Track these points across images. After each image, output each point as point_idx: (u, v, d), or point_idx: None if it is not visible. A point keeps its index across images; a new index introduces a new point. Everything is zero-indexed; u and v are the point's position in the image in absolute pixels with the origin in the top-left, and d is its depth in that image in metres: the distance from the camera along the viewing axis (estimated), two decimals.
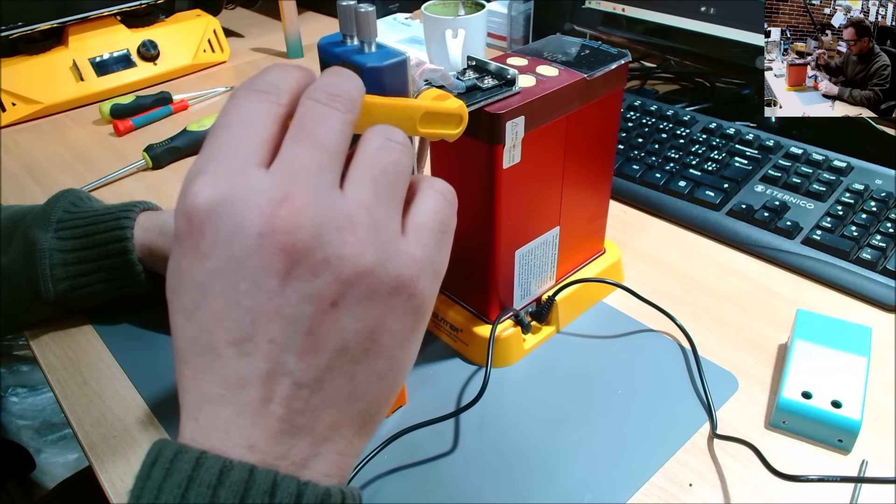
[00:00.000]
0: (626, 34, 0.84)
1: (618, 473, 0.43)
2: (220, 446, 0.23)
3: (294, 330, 0.23)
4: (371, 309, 0.25)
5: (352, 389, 0.25)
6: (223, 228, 0.23)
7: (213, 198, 0.23)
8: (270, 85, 0.26)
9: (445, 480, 0.43)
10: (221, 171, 0.24)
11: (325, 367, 0.24)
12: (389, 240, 0.25)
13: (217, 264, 0.23)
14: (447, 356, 0.52)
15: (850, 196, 0.61)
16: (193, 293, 0.24)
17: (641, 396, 0.48)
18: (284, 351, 0.23)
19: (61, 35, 0.95)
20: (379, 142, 0.26)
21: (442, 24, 0.85)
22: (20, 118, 0.91)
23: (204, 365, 0.24)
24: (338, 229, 0.24)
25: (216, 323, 0.23)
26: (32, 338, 0.55)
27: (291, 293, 0.23)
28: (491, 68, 0.43)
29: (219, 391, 0.23)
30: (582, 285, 0.54)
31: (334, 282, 0.23)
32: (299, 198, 0.23)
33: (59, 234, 0.52)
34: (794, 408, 0.44)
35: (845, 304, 0.55)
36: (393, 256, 0.25)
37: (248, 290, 0.23)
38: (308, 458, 0.24)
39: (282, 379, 0.23)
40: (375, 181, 0.25)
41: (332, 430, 0.25)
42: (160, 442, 0.24)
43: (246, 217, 0.23)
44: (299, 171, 0.24)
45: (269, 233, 0.22)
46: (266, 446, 0.23)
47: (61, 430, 1.35)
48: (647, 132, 0.73)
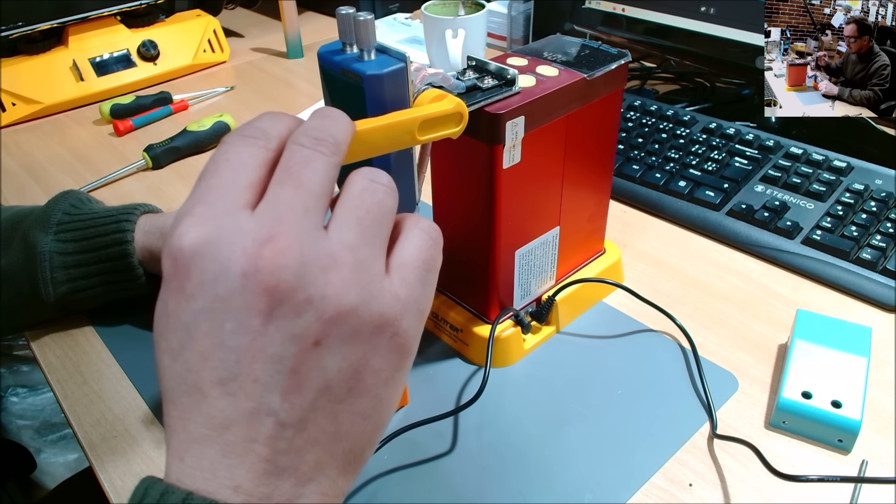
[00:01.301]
0: (626, 34, 0.84)
1: (618, 473, 0.43)
2: (205, 487, 0.23)
3: (278, 369, 0.23)
4: (354, 348, 0.25)
5: (335, 429, 0.25)
6: (208, 269, 0.23)
7: (198, 239, 0.23)
8: (259, 131, 0.26)
9: (445, 480, 0.43)
10: (208, 214, 0.24)
11: (308, 406, 0.24)
12: (373, 279, 0.25)
13: (202, 305, 0.23)
14: (447, 356, 0.52)
15: (850, 196, 0.61)
16: (180, 334, 0.24)
17: (641, 396, 0.48)
18: (269, 391, 0.23)
19: (61, 35, 0.95)
20: (363, 183, 0.27)
21: (442, 24, 0.85)
22: (20, 118, 0.91)
23: (190, 405, 0.24)
24: (321, 269, 0.24)
25: (202, 363, 0.23)
26: (32, 338, 0.55)
27: (275, 332, 0.23)
28: (491, 68, 0.43)
29: (204, 431, 0.23)
30: (582, 285, 0.54)
31: (317, 321, 0.24)
32: (283, 238, 0.23)
33: (60, 236, 0.52)
34: (794, 408, 0.44)
35: (845, 304, 0.55)
36: (376, 296, 0.25)
37: (233, 329, 0.23)
38: (292, 498, 0.24)
39: (266, 419, 0.23)
40: (360, 221, 0.26)
41: (316, 471, 0.25)
42: (148, 480, 0.24)
43: (230, 258, 0.23)
44: (284, 212, 0.24)
45: (253, 273, 0.23)
46: (251, 487, 0.23)
47: (61, 430, 1.35)
48: (647, 132, 0.73)
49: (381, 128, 0.30)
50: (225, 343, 0.23)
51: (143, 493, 0.23)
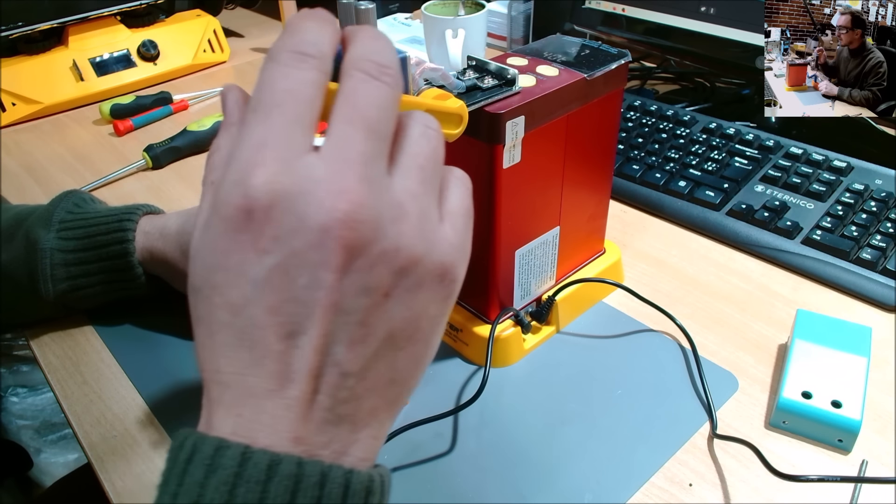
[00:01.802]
0: (626, 34, 0.84)
1: (618, 473, 0.43)
2: (265, 441, 0.23)
3: (347, 321, 0.23)
4: (417, 296, 0.25)
5: (392, 375, 0.25)
6: (286, 224, 0.22)
7: (273, 191, 0.22)
8: (314, 47, 0.24)
9: (445, 480, 0.43)
10: (278, 159, 0.23)
11: (371, 356, 0.24)
12: (434, 228, 0.25)
13: (276, 260, 0.23)
14: (447, 356, 0.52)
15: (850, 196, 0.61)
16: (246, 289, 0.23)
17: (641, 396, 0.48)
18: (336, 343, 0.23)
19: (61, 35, 0.95)
20: (420, 128, 0.26)
21: (442, 24, 0.85)
22: (20, 118, 0.91)
23: (251, 360, 0.23)
24: (392, 220, 0.24)
25: (270, 318, 0.23)
26: (32, 338, 0.55)
27: (349, 286, 0.23)
28: (491, 68, 0.43)
29: (267, 385, 0.23)
30: (582, 285, 0.54)
31: (389, 273, 0.24)
32: (357, 190, 0.23)
33: (61, 234, 0.52)
34: (794, 408, 0.44)
35: (845, 304, 0.55)
36: (438, 244, 0.25)
37: (306, 284, 0.23)
38: (347, 444, 0.24)
39: (331, 370, 0.23)
40: (421, 169, 0.26)
41: (370, 416, 0.25)
42: (192, 435, 0.23)
43: (307, 212, 0.22)
44: (355, 158, 0.23)
45: (331, 228, 0.22)
46: (311, 437, 0.23)
47: (61, 430, 1.35)
48: (647, 132, 0.73)
49: None
50: (297, 297, 0.23)
51: (191, 449, 0.23)
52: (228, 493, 0.22)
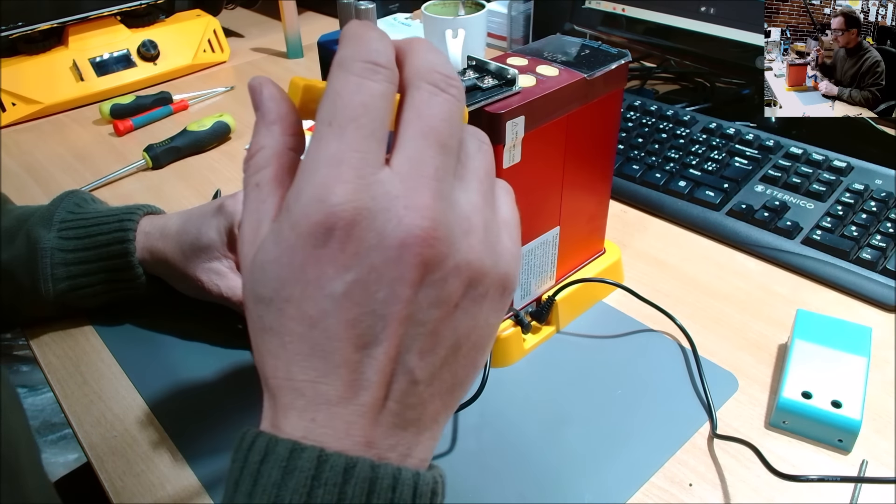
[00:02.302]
0: (626, 34, 0.84)
1: (618, 473, 0.43)
2: (337, 445, 0.23)
3: (420, 332, 0.24)
4: (482, 306, 0.26)
5: (455, 380, 0.26)
6: (366, 241, 0.23)
7: (356, 209, 0.23)
8: (384, 57, 0.24)
9: (445, 480, 0.43)
10: (357, 178, 0.23)
11: (439, 363, 0.25)
12: (497, 240, 0.26)
13: (356, 276, 0.23)
14: None
15: (850, 196, 0.61)
16: (324, 304, 0.23)
17: (641, 396, 0.48)
18: (408, 352, 0.24)
19: (61, 35, 0.95)
20: (476, 143, 0.27)
21: (442, 24, 0.85)
22: (20, 118, 0.91)
23: (326, 369, 0.24)
24: (463, 233, 0.24)
25: (347, 331, 0.23)
26: (32, 338, 0.55)
27: (424, 299, 0.24)
28: (491, 68, 0.43)
29: (340, 394, 0.24)
30: (582, 285, 0.54)
31: (460, 286, 0.24)
32: (434, 207, 0.23)
33: (62, 234, 0.52)
34: (794, 408, 0.44)
35: (845, 304, 0.55)
36: (501, 256, 0.26)
37: (384, 298, 0.23)
38: (412, 447, 0.25)
39: (401, 378, 0.24)
40: (481, 182, 0.26)
41: (433, 420, 0.26)
42: (262, 436, 0.24)
43: (386, 229, 0.23)
44: (429, 175, 0.24)
45: (410, 245, 0.23)
46: (380, 440, 0.24)
47: (61, 430, 1.35)
48: (647, 132, 0.73)
49: None
50: (375, 311, 0.23)
51: (264, 450, 0.23)
52: (307, 494, 0.22)
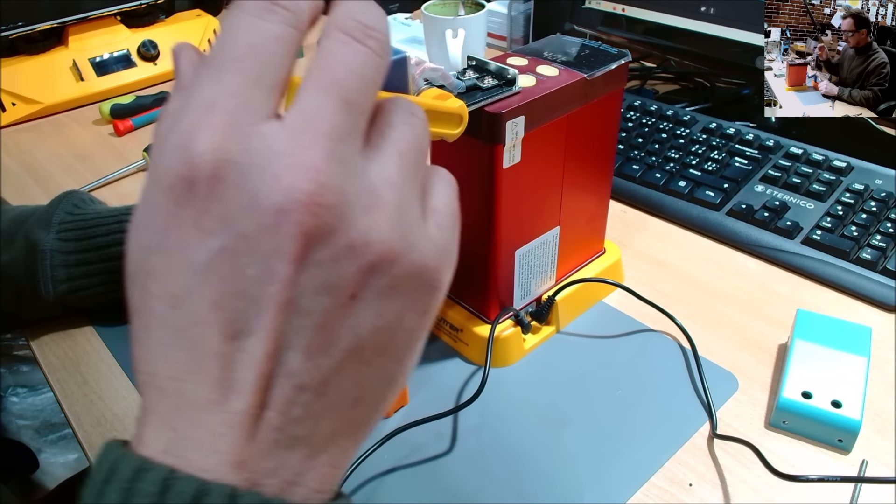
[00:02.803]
0: (626, 34, 0.84)
1: (618, 473, 0.43)
2: (201, 462, 0.19)
3: (305, 325, 0.20)
4: (392, 303, 0.21)
5: (358, 394, 0.22)
6: (235, 201, 0.19)
7: (222, 160, 0.19)
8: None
9: (445, 480, 0.43)
10: (231, 127, 0.19)
11: (333, 368, 0.21)
12: (414, 223, 0.22)
13: (222, 243, 0.19)
14: (447, 356, 0.52)
15: (850, 196, 0.61)
16: (186, 277, 0.19)
17: (641, 396, 0.48)
18: (290, 349, 0.20)
19: (61, 35, 0.95)
20: (403, 115, 0.23)
21: (442, 24, 0.85)
22: (20, 118, 0.91)
23: (191, 364, 0.20)
24: (365, 209, 0.20)
25: (213, 314, 0.19)
26: (32, 338, 0.55)
27: (308, 282, 0.19)
28: (491, 68, 0.43)
29: (207, 395, 0.20)
30: (582, 285, 0.54)
31: (357, 271, 0.20)
32: (324, 169, 0.19)
33: (61, 235, 0.52)
34: (794, 408, 0.44)
35: (845, 304, 0.55)
36: (418, 243, 0.22)
37: (257, 276, 0.19)
38: (300, 473, 0.21)
39: (283, 381, 0.20)
40: (401, 156, 0.22)
41: (329, 441, 0.21)
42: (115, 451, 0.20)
43: (262, 189, 0.19)
44: (324, 131, 0.19)
45: (289, 210, 0.19)
46: (256, 462, 0.20)
47: (61, 430, 1.35)
48: (647, 132, 0.73)
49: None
50: (246, 291, 0.19)
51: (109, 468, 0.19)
52: None
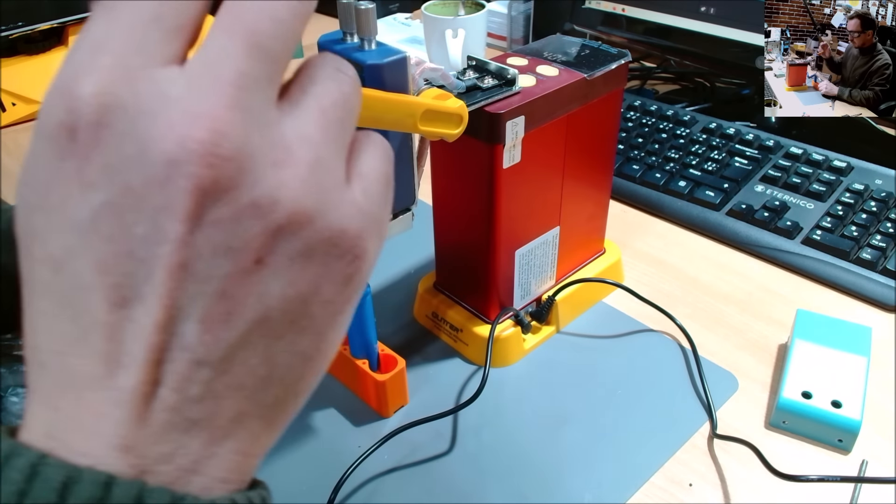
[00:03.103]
0: (626, 34, 0.84)
1: (618, 473, 0.43)
2: (82, 446, 0.17)
3: (202, 291, 0.18)
4: (305, 270, 0.19)
5: (267, 372, 0.20)
6: (120, 150, 0.17)
7: (105, 105, 0.17)
8: None
9: (444, 480, 0.43)
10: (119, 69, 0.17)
11: (236, 342, 0.18)
12: (334, 185, 0.20)
13: (106, 197, 0.17)
14: (447, 356, 0.52)
15: (850, 196, 0.61)
16: (68, 236, 0.18)
17: (641, 396, 0.48)
18: (185, 318, 0.18)
19: (61, 35, 0.95)
20: (328, 71, 0.21)
21: (442, 24, 0.85)
22: (20, 118, 0.91)
23: (75, 335, 0.18)
24: (273, 164, 0.18)
25: (98, 278, 0.17)
26: None
27: (204, 243, 0.17)
28: (491, 68, 0.43)
29: (91, 370, 0.18)
30: (582, 285, 0.54)
31: (262, 232, 0.18)
32: (224, 118, 0.17)
33: None
34: (794, 408, 0.44)
35: (845, 304, 0.55)
36: (337, 205, 0.19)
37: (145, 235, 0.17)
38: (200, 459, 0.19)
39: (178, 355, 0.18)
40: (323, 112, 0.20)
41: (235, 424, 0.19)
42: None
43: (151, 137, 0.17)
44: (227, 76, 0.17)
45: (183, 161, 0.17)
46: (146, 446, 0.18)
47: None
48: (647, 132, 0.73)
49: (387, 99, 0.30)
50: (133, 252, 0.17)
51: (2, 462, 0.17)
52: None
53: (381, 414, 0.47)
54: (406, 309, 0.56)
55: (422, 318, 0.55)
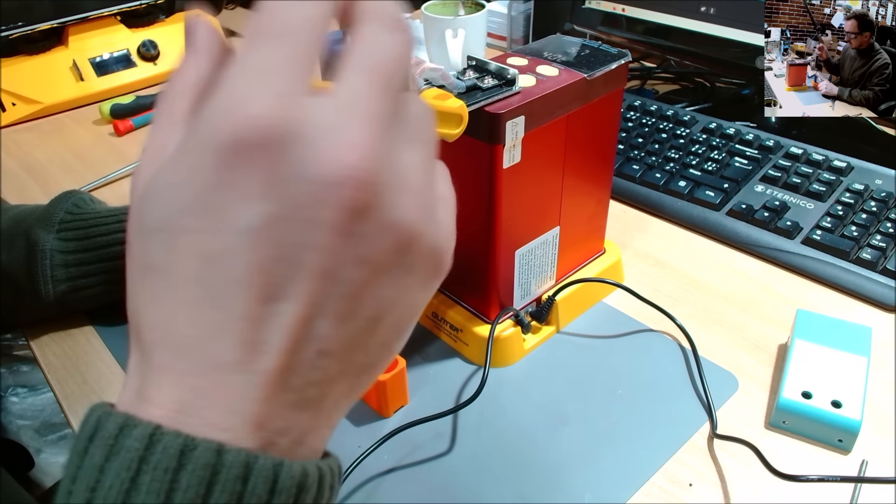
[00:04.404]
0: (626, 34, 0.84)
1: (618, 473, 0.43)
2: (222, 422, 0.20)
3: (338, 293, 0.20)
4: (409, 279, 0.22)
5: (367, 360, 0.23)
6: (285, 169, 0.19)
7: (276, 127, 0.19)
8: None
9: (444, 480, 0.43)
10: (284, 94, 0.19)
11: (355, 337, 0.22)
12: (434, 209, 0.23)
13: (270, 209, 0.19)
14: (447, 356, 0.52)
15: (850, 196, 0.61)
16: (229, 238, 0.20)
17: (641, 396, 0.48)
18: (321, 315, 0.20)
19: (61, 35, 0.95)
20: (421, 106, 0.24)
21: (442, 24, 0.85)
22: (20, 118, 0.91)
23: (219, 323, 0.20)
24: (401, 190, 0.21)
25: (253, 276, 0.20)
26: (32, 338, 0.55)
27: (347, 253, 0.20)
28: (491, 68, 0.43)
29: (234, 356, 0.20)
30: (582, 285, 0.54)
31: (389, 246, 0.21)
32: (370, 147, 0.20)
33: (61, 234, 0.52)
34: (794, 408, 0.44)
35: (845, 304, 0.55)
36: (436, 226, 0.23)
37: (304, 243, 0.20)
38: (306, 432, 0.21)
39: (309, 345, 0.21)
40: (426, 145, 0.23)
41: (335, 405, 0.22)
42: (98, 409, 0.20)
43: (314, 158, 0.19)
44: (369, 113, 0.20)
45: (338, 183, 0.19)
46: (272, 422, 0.20)
47: (61, 430, 1.35)
48: (647, 132, 0.73)
49: None
50: (291, 257, 0.20)
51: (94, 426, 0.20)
52: (131, 480, 0.19)
53: (381, 414, 0.47)
54: None
55: (422, 318, 0.55)
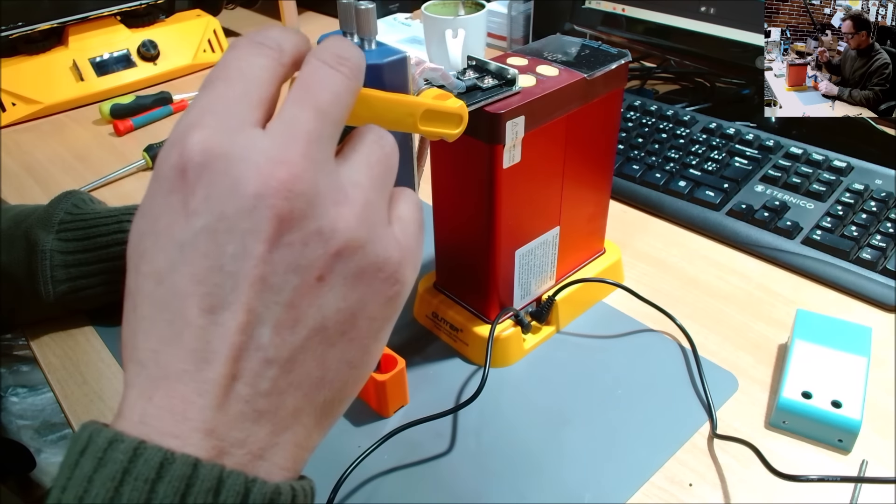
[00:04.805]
0: (626, 34, 0.84)
1: (618, 473, 0.43)
2: (173, 430, 0.21)
3: (275, 301, 0.22)
4: (355, 289, 0.24)
5: (321, 375, 0.24)
6: (218, 185, 0.21)
7: (209, 151, 0.22)
8: (274, 41, 0.25)
9: (444, 480, 0.43)
10: (219, 126, 0.22)
11: (299, 345, 0.23)
12: (379, 222, 0.25)
13: (205, 223, 0.22)
14: (447, 356, 0.52)
15: (850, 196, 0.61)
16: (171, 254, 0.22)
17: (641, 396, 0.48)
18: (261, 323, 0.22)
19: (61, 35, 0.95)
20: (373, 136, 0.26)
21: (442, 24, 0.85)
22: (20, 118, 0.91)
23: (170, 336, 0.22)
24: (334, 202, 0.23)
25: (193, 287, 0.21)
26: (32, 338, 0.55)
27: (279, 261, 0.22)
28: (491, 68, 0.43)
29: (182, 366, 0.21)
30: (582, 285, 0.54)
31: (324, 254, 0.23)
32: (299, 163, 0.22)
33: (61, 235, 0.52)
34: (794, 408, 0.44)
35: (845, 304, 0.55)
36: (382, 238, 0.24)
37: (234, 253, 0.21)
38: (266, 447, 0.22)
39: (253, 354, 0.22)
40: (370, 166, 0.25)
41: (293, 418, 0.23)
42: (90, 426, 0.22)
43: (243, 176, 0.21)
44: (300, 135, 0.22)
45: (266, 195, 0.21)
46: (224, 431, 0.21)
47: (61, 430, 1.35)
48: (647, 132, 0.73)
49: (387, 99, 0.30)
50: (224, 267, 0.21)
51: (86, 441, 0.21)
52: (115, 489, 0.20)
53: (381, 414, 0.47)
54: (406, 309, 0.56)
55: (422, 318, 0.55)
